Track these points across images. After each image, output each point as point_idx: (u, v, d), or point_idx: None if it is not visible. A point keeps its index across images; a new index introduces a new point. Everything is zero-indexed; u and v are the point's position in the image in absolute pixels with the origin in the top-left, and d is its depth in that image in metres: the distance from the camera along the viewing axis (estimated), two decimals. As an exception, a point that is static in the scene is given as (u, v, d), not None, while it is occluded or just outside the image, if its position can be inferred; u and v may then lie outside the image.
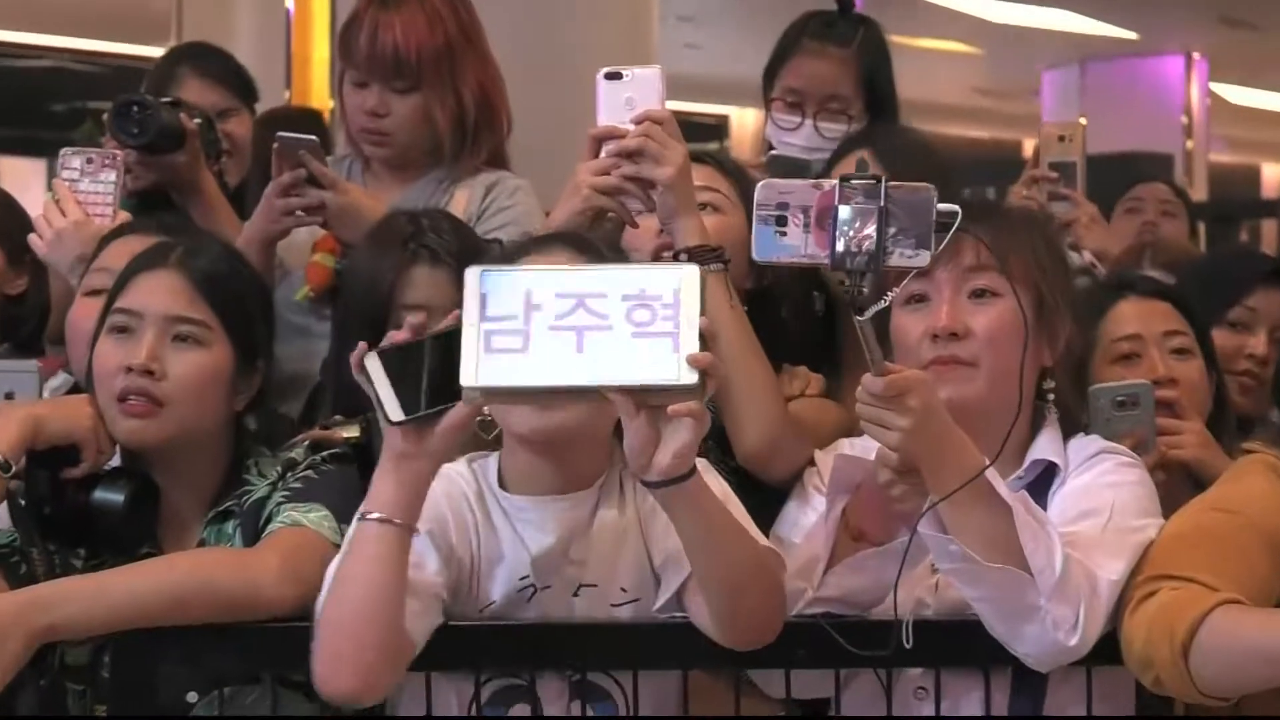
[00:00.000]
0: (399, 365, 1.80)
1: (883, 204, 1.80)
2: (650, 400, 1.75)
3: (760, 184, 1.92)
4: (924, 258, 1.81)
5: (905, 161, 2.50)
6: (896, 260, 1.81)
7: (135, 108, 2.79)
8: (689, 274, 1.75)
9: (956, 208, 1.84)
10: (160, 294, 2.18)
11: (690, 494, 1.81)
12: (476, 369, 1.74)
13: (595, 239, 2.08)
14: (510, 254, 2.09)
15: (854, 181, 1.81)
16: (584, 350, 1.73)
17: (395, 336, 1.82)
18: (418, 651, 1.91)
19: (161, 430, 2.15)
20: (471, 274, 1.78)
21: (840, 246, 1.80)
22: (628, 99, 2.20)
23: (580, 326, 1.74)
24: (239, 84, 3.38)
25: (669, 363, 1.72)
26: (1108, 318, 2.52)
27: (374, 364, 1.80)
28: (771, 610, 1.94)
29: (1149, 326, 2.50)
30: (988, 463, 1.90)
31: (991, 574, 1.89)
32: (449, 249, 2.41)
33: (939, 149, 2.68)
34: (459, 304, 1.78)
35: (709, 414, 1.80)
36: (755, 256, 1.91)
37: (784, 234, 1.89)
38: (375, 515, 1.82)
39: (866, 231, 1.80)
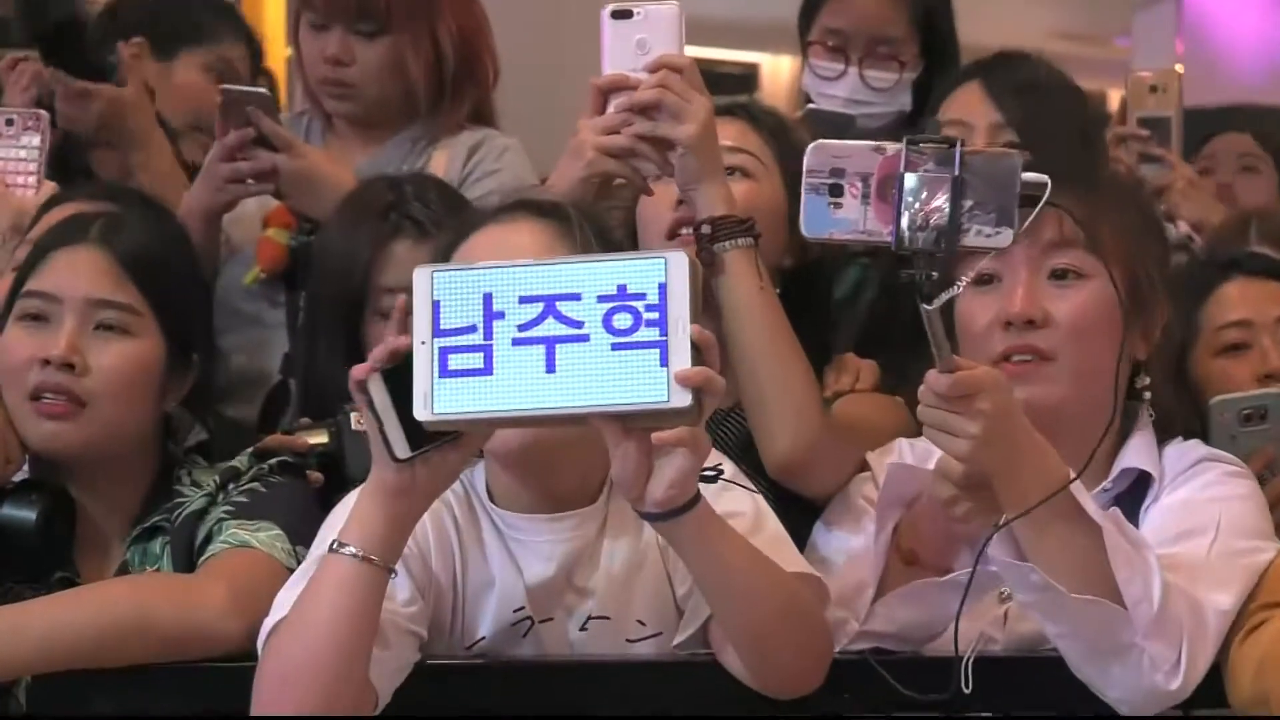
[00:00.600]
0: (404, 385, 1.76)
1: (957, 172, 1.77)
2: (637, 424, 1.73)
3: (811, 146, 1.89)
4: (1006, 237, 1.78)
5: (1026, 102, 2.50)
6: (973, 239, 1.78)
7: None
8: (676, 263, 1.72)
9: (1045, 178, 1.81)
10: (80, 274, 2.17)
11: (695, 526, 1.80)
12: (431, 396, 1.72)
13: (570, 206, 2.06)
14: (465, 229, 2.06)
15: (923, 144, 1.79)
16: (556, 369, 1.72)
17: (397, 344, 1.77)
18: (383, 706, 1.89)
19: (82, 433, 2.15)
20: (421, 276, 1.76)
21: (905, 222, 1.78)
22: (640, 41, 2.17)
23: (550, 338, 1.72)
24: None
25: (656, 380, 1.71)
26: (1211, 302, 2.51)
27: (378, 387, 1.77)
28: (811, 656, 1.94)
29: (1261, 311, 2.49)
30: (1073, 475, 1.88)
31: (1078, 606, 1.87)
32: (436, 220, 2.40)
33: (1084, 96, 2.65)
34: None
35: (708, 437, 1.79)
36: (805, 233, 1.89)
37: (838, 205, 1.86)
38: (351, 550, 1.81)
39: (937, 204, 1.77)
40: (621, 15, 2.18)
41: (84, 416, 2.15)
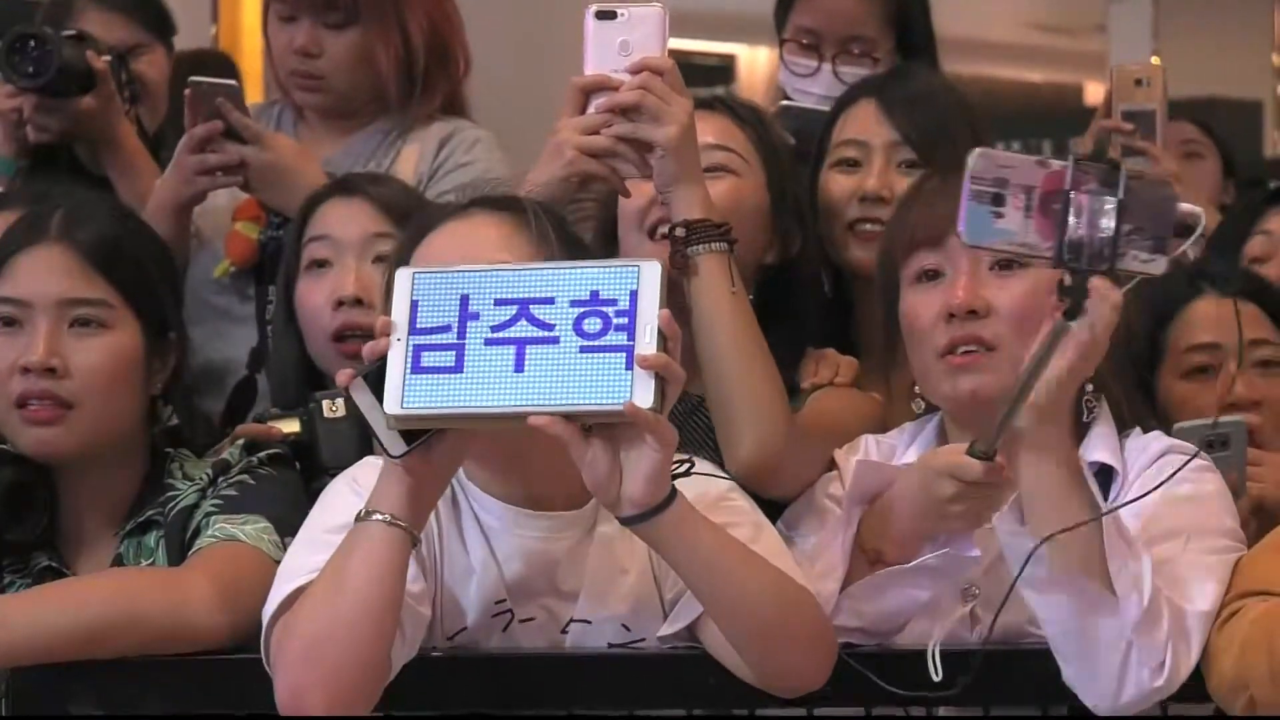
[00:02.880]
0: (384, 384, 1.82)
1: (1122, 196, 1.83)
2: (598, 422, 1.79)
3: (976, 153, 1.90)
4: (1160, 264, 1.85)
5: (920, 117, 2.51)
6: (1129, 263, 1.84)
7: (31, 42, 2.82)
8: (649, 272, 1.79)
9: (1200, 211, 1.88)
10: (46, 275, 2.19)
11: (675, 523, 1.86)
12: (402, 392, 1.80)
13: (526, 199, 2.10)
14: (423, 227, 2.10)
15: (1088, 164, 1.84)
16: (525, 369, 1.79)
17: (378, 347, 1.84)
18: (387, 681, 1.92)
19: (73, 436, 2.17)
20: (402, 276, 1.83)
21: (1069, 239, 1.84)
22: (623, 43, 2.20)
23: (521, 339, 1.80)
24: (150, 15, 3.41)
25: (620, 384, 1.77)
26: (1179, 319, 2.50)
27: (361, 393, 1.83)
28: (813, 652, 1.98)
29: (1230, 335, 2.40)
30: (1107, 508, 1.95)
31: (1072, 588, 1.93)
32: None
33: (970, 100, 2.66)
34: None
35: (674, 429, 1.83)
36: (964, 239, 1.92)
37: (1000, 215, 1.88)
38: (379, 516, 1.87)
39: (1100, 225, 1.83)
40: (606, 16, 2.20)
41: (72, 419, 2.16)
